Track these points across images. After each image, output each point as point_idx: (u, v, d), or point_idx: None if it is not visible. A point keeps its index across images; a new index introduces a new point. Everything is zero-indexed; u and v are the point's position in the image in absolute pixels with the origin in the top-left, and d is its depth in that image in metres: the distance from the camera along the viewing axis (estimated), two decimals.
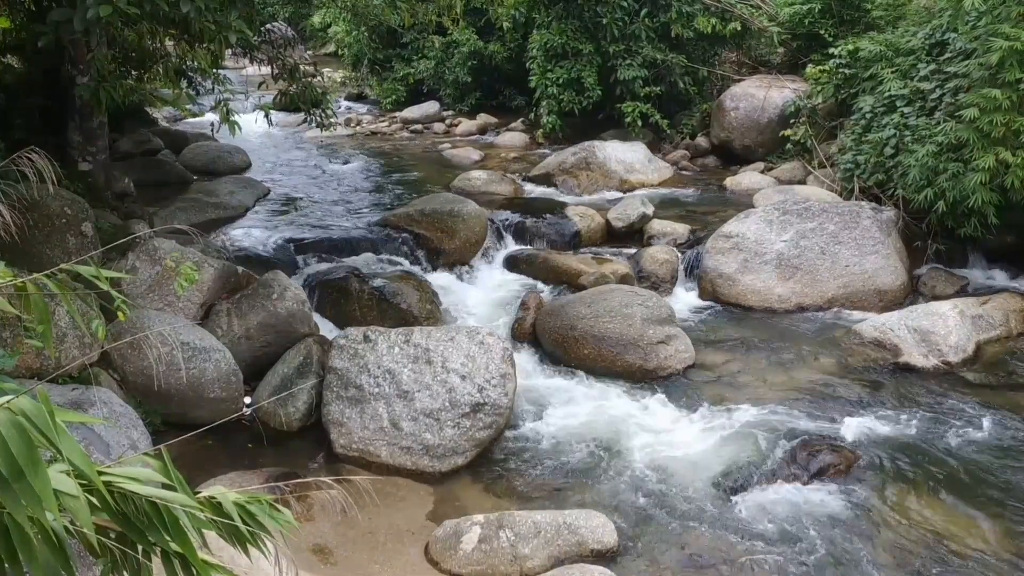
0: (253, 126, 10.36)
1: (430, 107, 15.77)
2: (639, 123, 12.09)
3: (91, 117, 7.26)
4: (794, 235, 7.72)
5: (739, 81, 12.21)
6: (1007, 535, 4.47)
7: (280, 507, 1.85)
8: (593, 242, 8.76)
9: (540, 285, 7.76)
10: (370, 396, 5.30)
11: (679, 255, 8.17)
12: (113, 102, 6.21)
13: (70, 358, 4.90)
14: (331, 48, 21.76)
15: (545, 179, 10.84)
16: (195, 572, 1.68)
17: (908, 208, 8.05)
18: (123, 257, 5.88)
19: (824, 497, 4.81)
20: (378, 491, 4.66)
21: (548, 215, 8.99)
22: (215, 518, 1.72)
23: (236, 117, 6.58)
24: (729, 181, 10.69)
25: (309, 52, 20.77)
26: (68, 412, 1.73)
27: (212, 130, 7.83)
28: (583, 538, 4.30)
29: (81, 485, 1.51)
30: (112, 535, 1.65)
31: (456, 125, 14.98)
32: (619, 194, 10.21)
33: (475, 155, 12.47)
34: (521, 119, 14.42)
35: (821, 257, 7.60)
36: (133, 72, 8.57)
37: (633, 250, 8.43)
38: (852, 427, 5.46)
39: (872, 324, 6.74)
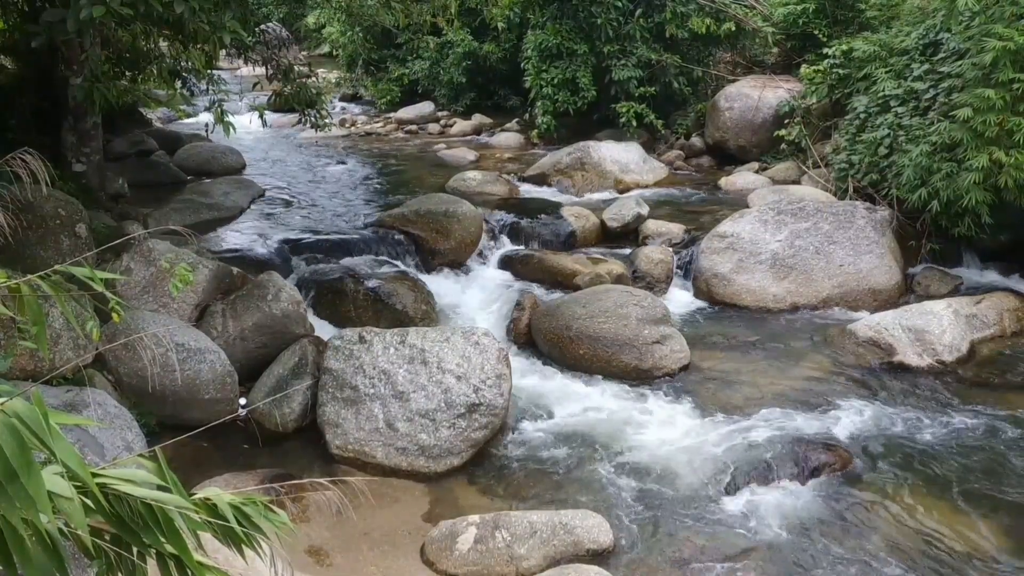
0: (248, 127, 10.37)
1: (425, 107, 15.78)
2: (634, 123, 12.10)
3: (85, 118, 7.24)
4: (789, 235, 7.74)
5: (733, 81, 12.23)
6: (1001, 533, 4.48)
7: (275, 508, 1.85)
8: (588, 242, 8.77)
9: (536, 286, 7.77)
10: (365, 397, 5.29)
11: (674, 255, 8.17)
12: (107, 103, 6.20)
13: (64, 360, 4.89)
14: (326, 49, 21.76)
15: (540, 179, 10.85)
16: (190, 574, 1.68)
17: (902, 208, 8.07)
18: (117, 258, 5.87)
19: (819, 496, 4.82)
20: (374, 492, 4.66)
21: (543, 215, 8.99)
22: (210, 519, 1.72)
23: (230, 118, 6.58)
24: (724, 181, 10.71)
25: (304, 53, 20.73)
26: (62, 414, 1.73)
27: (206, 131, 7.83)
28: (579, 538, 4.30)
29: (75, 487, 1.51)
30: (107, 537, 1.64)
31: (451, 125, 14.99)
32: (614, 194, 10.23)
33: (470, 155, 12.48)
34: (516, 119, 14.43)
35: (816, 257, 7.62)
36: (127, 73, 8.58)
37: (628, 250, 8.44)
38: (847, 426, 5.48)
39: (867, 323, 6.76)
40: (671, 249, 8.29)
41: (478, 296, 7.65)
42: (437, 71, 15.74)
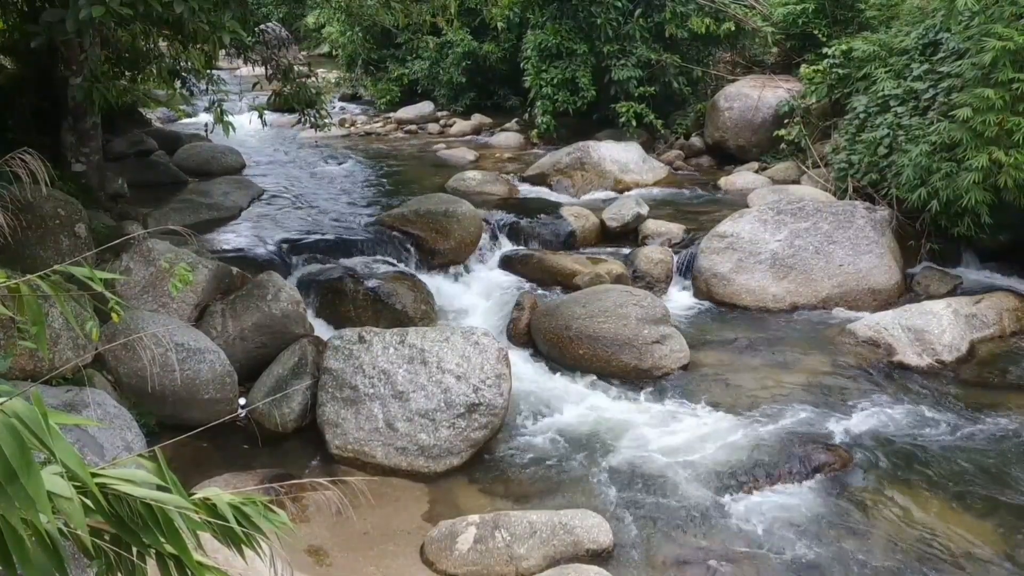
0: (247, 127, 10.36)
1: (425, 107, 15.78)
2: (633, 123, 12.10)
3: (84, 118, 7.24)
4: (788, 235, 7.74)
5: (733, 81, 12.23)
6: (1000, 533, 4.48)
7: (275, 508, 1.85)
8: (588, 242, 8.77)
9: (535, 286, 7.77)
10: (365, 397, 5.29)
11: (674, 255, 8.17)
12: (106, 103, 6.20)
13: (64, 360, 4.89)
14: (325, 48, 21.76)
15: (540, 179, 10.85)
16: (190, 574, 1.68)
17: (902, 207, 8.07)
18: (117, 258, 5.87)
19: (819, 496, 4.82)
20: (373, 492, 4.66)
21: (543, 215, 8.99)
22: (210, 519, 1.72)
23: (230, 118, 6.57)
24: (723, 181, 10.71)
25: (303, 52, 20.75)
26: (62, 414, 1.73)
27: (206, 131, 7.83)
28: (578, 538, 4.30)
29: (75, 487, 1.50)
30: (106, 537, 1.64)
31: (451, 125, 14.99)
32: (614, 194, 10.23)
33: (470, 155, 12.47)
34: (516, 119, 14.42)
35: (815, 256, 7.62)
36: (127, 73, 8.57)
37: (628, 250, 8.43)
38: (846, 426, 5.48)
39: (866, 323, 6.76)
40: (671, 249, 8.29)
41: (478, 296, 7.66)
42: (437, 71, 15.74)
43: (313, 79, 8.76)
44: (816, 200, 8.38)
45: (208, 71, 9.09)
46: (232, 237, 8.22)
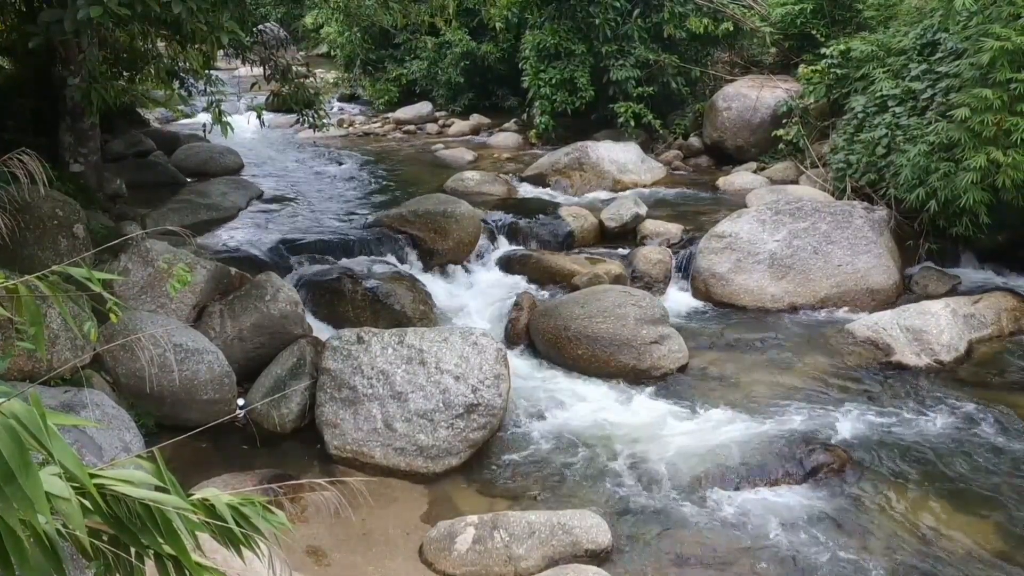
0: (245, 127, 10.37)
1: (423, 108, 15.78)
2: (632, 123, 12.11)
3: (82, 118, 7.24)
4: (787, 235, 7.74)
5: (731, 81, 12.24)
6: (998, 533, 4.49)
7: (273, 509, 1.85)
8: (586, 242, 8.77)
9: (534, 286, 7.77)
10: (364, 397, 5.29)
11: (672, 255, 8.18)
12: (104, 103, 6.20)
13: (62, 360, 4.88)
14: (324, 49, 21.75)
15: (538, 179, 10.85)
16: (188, 574, 1.68)
17: (900, 207, 8.07)
18: (115, 259, 5.86)
19: (818, 496, 4.82)
20: (372, 492, 4.65)
21: (541, 215, 9.00)
22: (208, 520, 1.71)
23: (228, 118, 6.57)
24: (722, 181, 10.71)
25: (301, 53, 20.74)
26: (60, 415, 1.72)
27: (204, 131, 7.82)
28: (577, 538, 4.30)
29: (73, 488, 1.50)
30: (105, 538, 1.64)
31: (449, 126, 14.99)
32: (612, 194, 10.23)
33: (468, 156, 12.47)
34: (514, 120, 14.43)
35: (814, 257, 7.62)
36: (125, 73, 8.57)
37: (626, 250, 8.44)
38: (845, 426, 5.48)
39: (865, 323, 6.76)
40: (669, 249, 8.29)
41: (476, 296, 7.65)
42: (435, 71, 15.74)
43: (311, 79, 8.76)
44: (814, 200, 8.39)
45: (206, 71, 9.08)
46: (231, 237, 8.22)
